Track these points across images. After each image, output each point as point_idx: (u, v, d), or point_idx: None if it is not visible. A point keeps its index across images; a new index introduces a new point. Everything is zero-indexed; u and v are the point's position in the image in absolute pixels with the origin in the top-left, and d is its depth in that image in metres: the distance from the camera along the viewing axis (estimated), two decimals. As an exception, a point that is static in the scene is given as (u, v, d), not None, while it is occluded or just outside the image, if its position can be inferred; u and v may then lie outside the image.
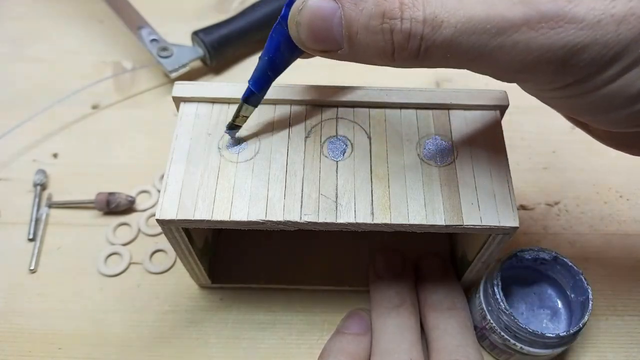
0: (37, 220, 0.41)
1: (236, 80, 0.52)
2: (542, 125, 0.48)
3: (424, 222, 0.28)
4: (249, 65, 0.53)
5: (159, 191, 0.43)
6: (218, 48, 0.50)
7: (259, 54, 0.54)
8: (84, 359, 0.36)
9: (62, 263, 0.40)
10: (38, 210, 0.42)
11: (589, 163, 0.46)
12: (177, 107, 0.32)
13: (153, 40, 0.50)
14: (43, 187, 0.43)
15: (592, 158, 0.46)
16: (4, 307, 0.38)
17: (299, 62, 0.51)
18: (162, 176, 0.44)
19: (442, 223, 0.28)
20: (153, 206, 0.43)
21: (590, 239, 0.41)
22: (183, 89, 0.32)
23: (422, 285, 0.36)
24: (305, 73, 0.51)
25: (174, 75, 0.49)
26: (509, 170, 0.30)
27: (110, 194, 0.41)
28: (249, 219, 0.28)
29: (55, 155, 0.46)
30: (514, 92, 0.50)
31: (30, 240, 0.41)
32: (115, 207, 0.41)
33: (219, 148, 0.30)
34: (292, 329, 0.37)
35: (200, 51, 0.50)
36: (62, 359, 0.36)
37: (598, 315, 0.38)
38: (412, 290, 0.36)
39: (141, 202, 0.43)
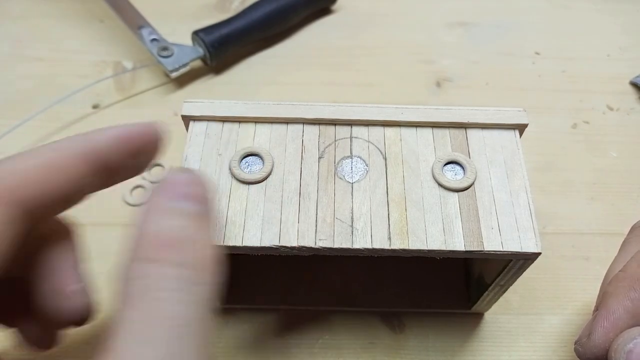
0: None
1: (237, 79, 0.52)
2: (542, 125, 0.48)
3: (442, 247, 0.27)
4: (250, 65, 0.53)
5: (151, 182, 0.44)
6: (218, 48, 0.50)
7: (259, 54, 0.55)
8: (84, 358, 0.36)
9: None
10: None
11: (589, 163, 0.46)
12: (186, 126, 0.31)
13: (153, 39, 0.50)
14: None
15: (592, 158, 0.46)
16: (4, 307, 0.38)
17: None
18: (152, 166, 0.45)
19: (462, 249, 0.27)
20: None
21: (590, 239, 0.41)
22: (192, 107, 0.31)
23: None
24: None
25: (174, 75, 0.49)
26: (530, 192, 0.29)
27: None
28: (262, 245, 0.27)
29: (55, 155, 0.46)
30: (514, 91, 0.50)
31: None
32: None
33: (229, 169, 0.29)
34: (292, 329, 0.37)
35: (200, 51, 0.50)
36: (62, 358, 0.36)
37: (598, 315, 0.38)
38: None
39: (138, 198, 0.43)
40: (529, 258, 0.28)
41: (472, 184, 0.29)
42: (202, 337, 0.18)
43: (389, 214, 0.28)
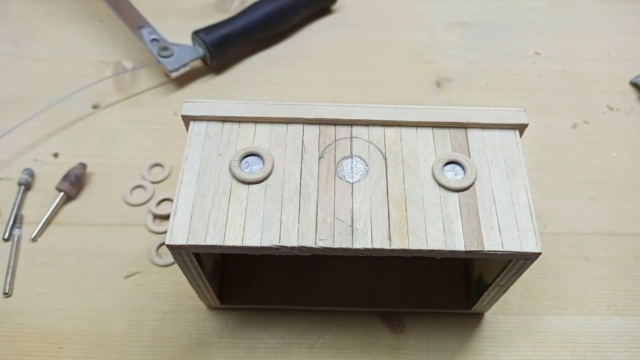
0: (15, 221, 0.41)
1: (237, 79, 0.52)
2: (542, 125, 0.48)
3: (443, 247, 0.27)
4: (250, 65, 0.53)
5: (151, 183, 0.44)
6: (218, 48, 0.50)
7: (259, 54, 0.55)
8: (84, 358, 0.36)
9: (62, 263, 0.40)
10: (19, 210, 0.42)
11: (589, 163, 0.46)
12: (186, 126, 0.31)
13: (153, 39, 0.50)
14: (27, 186, 0.43)
15: (592, 158, 0.46)
16: (4, 307, 0.38)
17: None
18: (152, 166, 0.45)
19: (462, 249, 0.27)
20: (148, 200, 0.43)
21: (590, 239, 0.41)
22: (192, 107, 0.31)
23: None
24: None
25: (174, 75, 0.49)
26: (530, 192, 0.29)
27: (65, 177, 0.43)
28: (262, 245, 0.27)
29: (55, 155, 0.46)
30: (514, 91, 0.50)
31: (6, 240, 0.41)
32: (76, 180, 0.42)
33: (230, 169, 0.29)
34: (292, 329, 0.37)
35: (200, 51, 0.50)
36: (62, 358, 0.36)
37: (599, 315, 0.38)
38: None
39: (138, 197, 0.43)
40: (529, 258, 0.28)
41: (472, 184, 0.29)
42: None
43: (389, 214, 0.28)
